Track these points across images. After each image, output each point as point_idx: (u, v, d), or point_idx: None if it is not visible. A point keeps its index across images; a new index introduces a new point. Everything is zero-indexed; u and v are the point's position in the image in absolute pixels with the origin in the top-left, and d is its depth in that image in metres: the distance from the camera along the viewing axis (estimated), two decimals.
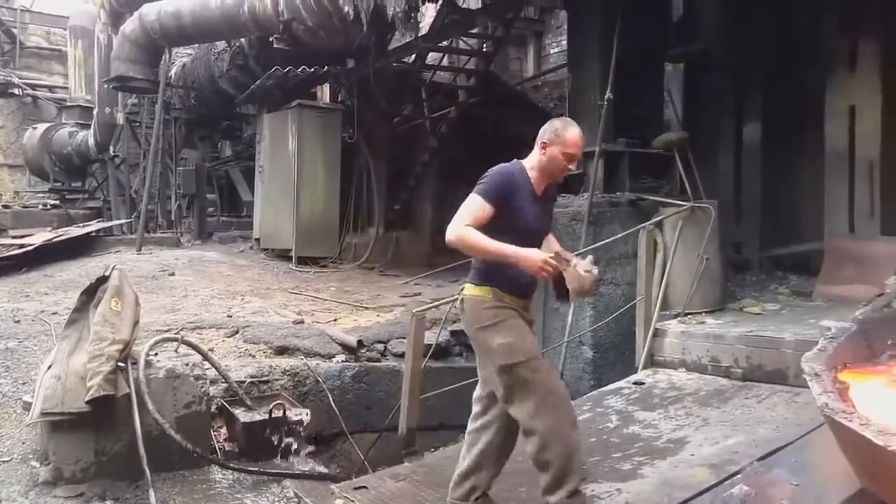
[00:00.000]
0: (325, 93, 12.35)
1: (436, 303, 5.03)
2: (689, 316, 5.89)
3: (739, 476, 3.55)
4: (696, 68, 8.49)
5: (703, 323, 5.71)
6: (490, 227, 3.02)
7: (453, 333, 6.67)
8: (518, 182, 3.15)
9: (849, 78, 6.45)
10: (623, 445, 4.19)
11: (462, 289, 3.35)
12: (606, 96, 6.61)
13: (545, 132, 3.21)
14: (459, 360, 6.56)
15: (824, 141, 6.61)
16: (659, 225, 6.13)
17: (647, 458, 3.93)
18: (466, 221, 3.01)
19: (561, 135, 3.16)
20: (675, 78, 8.90)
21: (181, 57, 14.37)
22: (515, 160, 3.30)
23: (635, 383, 5.29)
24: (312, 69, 10.18)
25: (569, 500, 3.06)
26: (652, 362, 5.62)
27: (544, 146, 3.19)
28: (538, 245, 3.25)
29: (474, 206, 3.05)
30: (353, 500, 3.75)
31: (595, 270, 3.07)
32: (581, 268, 3.02)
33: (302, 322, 6.49)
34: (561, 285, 3.08)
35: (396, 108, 11.59)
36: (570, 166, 3.22)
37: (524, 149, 3.34)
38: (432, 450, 5.25)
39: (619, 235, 5.74)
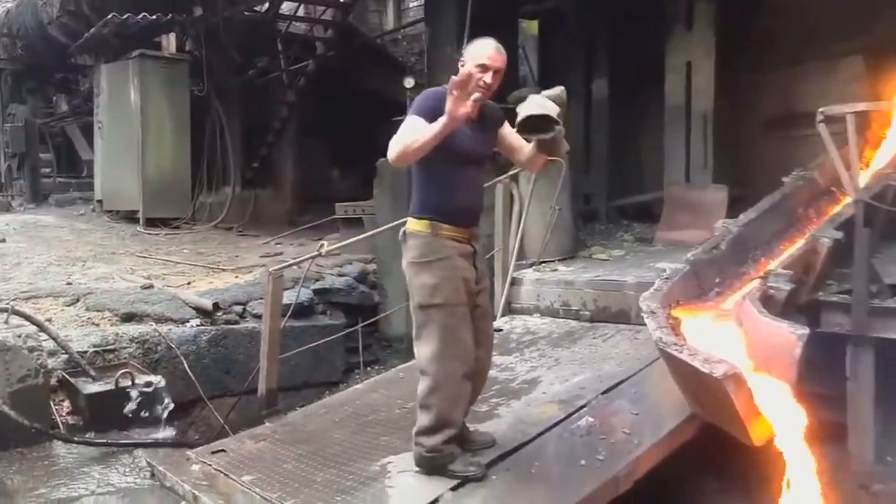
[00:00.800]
0: (171, 43, 11.52)
1: (294, 261, 4.90)
2: (544, 264, 6.16)
3: (585, 409, 3.80)
4: (549, 26, 8.72)
5: (555, 270, 5.99)
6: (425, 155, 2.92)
7: (317, 292, 6.58)
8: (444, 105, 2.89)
9: (686, 36, 6.88)
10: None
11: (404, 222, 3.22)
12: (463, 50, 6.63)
13: (464, 54, 3.12)
14: (323, 318, 6.49)
15: (664, 97, 7.04)
16: (514, 178, 6.31)
17: (503, 399, 4.10)
18: (401, 139, 2.90)
19: (471, 50, 3.07)
20: (531, 33, 9.11)
21: (4, 2, 12.89)
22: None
23: (494, 330, 5.47)
24: (154, 16, 9.46)
25: (442, 446, 3.13)
26: (510, 310, 5.84)
27: (461, 67, 3.01)
28: (481, 172, 3.21)
29: (409, 125, 2.93)
30: (210, 465, 3.62)
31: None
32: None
33: (151, 287, 6.12)
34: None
35: (250, 60, 11.06)
36: (486, 79, 2.99)
37: (387, 103, 3.26)
38: (297, 409, 5.18)
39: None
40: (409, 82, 6.60)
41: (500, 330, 5.46)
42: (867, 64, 6.53)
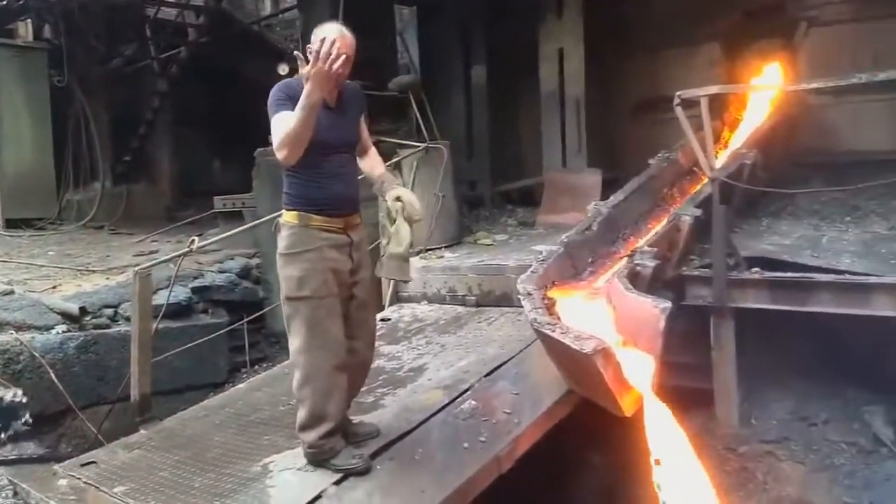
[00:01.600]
0: (27, 30, 10.66)
1: (163, 258, 4.67)
2: (430, 252, 6.19)
3: (469, 393, 3.86)
4: (427, 12, 8.72)
5: (441, 257, 6.03)
6: None
7: (196, 290, 6.31)
8: (298, 91, 2.87)
9: (557, 23, 7.07)
10: (368, 381, 4.31)
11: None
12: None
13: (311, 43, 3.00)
14: (204, 317, 6.25)
15: (540, 83, 7.22)
16: (397, 166, 6.30)
17: (390, 388, 4.10)
18: (281, 133, 2.84)
19: (317, 33, 2.95)
20: (411, 22, 9.09)
21: None
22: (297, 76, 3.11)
23: (382, 320, 5.45)
24: (5, 1, 8.72)
25: (321, 441, 3.09)
26: (397, 299, 5.84)
27: (310, 55, 2.93)
28: (347, 160, 3.15)
29: (278, 121, 2.87)
30: (79, 478, 3.42)
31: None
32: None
33: (12, 293, 5.68)
34: None
35: (116, 48, 10.40)
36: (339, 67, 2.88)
37: (268, 91, 3.13)
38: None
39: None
40: (283, 69, 6.42)
41: (388, 319, 5.46)
42: (724, 49, 6.97)
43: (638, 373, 3.37)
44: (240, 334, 6.33)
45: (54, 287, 6.12)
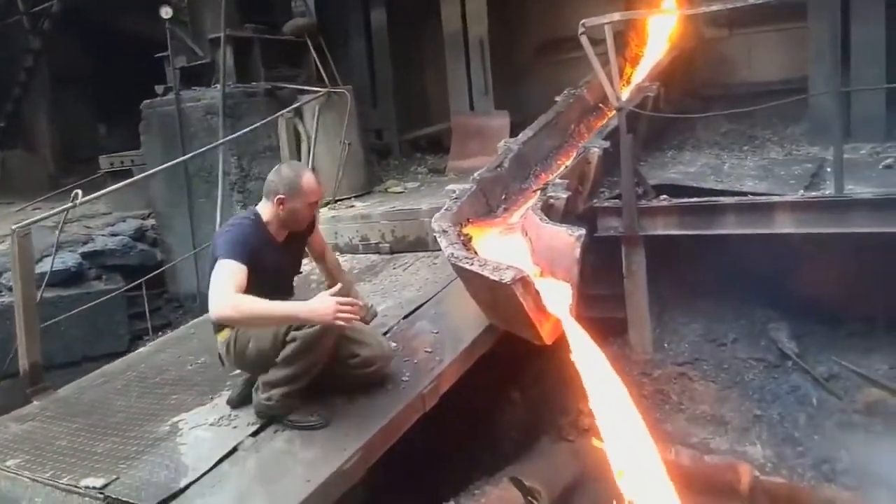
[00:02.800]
0: None
1: (45, 214, 4.25)
2: (339, 202, 5.99)
3: (388, 335, 3.75)
4: None
5: (352, 206, 5.85)
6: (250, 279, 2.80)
7: (86, 256, 5.90)
8: (255, 241, 2.94)
9: None
10: None
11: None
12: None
13: (277, 185, 3.02)
14: (98, 284, 5.86)
15: (442, 24, 7.02)
16: (299, 114, 6.03)
17: None
18: (230, 289, 2.70)
19: (297, 186, 3.02)
20: None
21: None
22: (249, 210, 3.15)
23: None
24: None
25: (283, 397, 3.00)
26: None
27: (281, 202, 3.01)
28: (289, 279, 3.31)
29: (230, 271, 2.75)
30: None
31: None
32: None
33: None
34: None
35: None
36: (314, 212, 3.19)
37: (154, 44, 2.84)
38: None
39: (258, 124, 5.48)
40: (166, 12, 5.96)
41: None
42: None
43: (556, 301, 3.35)
44: (140, 301, 5.97)
45: None
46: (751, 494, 3.82)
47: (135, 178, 5.36)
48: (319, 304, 2.72)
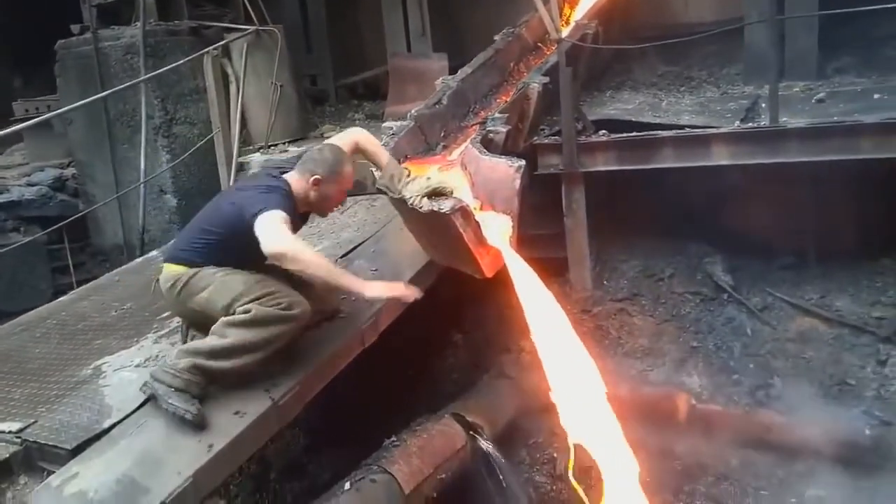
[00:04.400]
0: None
1: None
2: (272, 147, 5.78)
3: None
4: None
5: (285, 151, 5.64)
6: (248, 245, 2.63)
7: (1, 207, 5.54)
8: (292, 209, 2.82)
9: None
10: None
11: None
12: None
13: (317, 164, 2.93)
14: (15, 236, 5.53)
15: None
16: (227, 55, 5.73)
17: None
18: (289, 233, 2.66)
19: (337, 171, 2.95)
20: None
21: None
22: (278, 178, 2.95)
23: None
24: None
25: (194, 373, 2.61)
26: None
27: (317, 183, 2.90)
28: None
29: (280, 219, 2.65)
30: None
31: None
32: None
33: None
34: None
35: None
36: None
37: None
38: None
39: (180, 62, 5.18)
40: None
41: None
42: None
43: (497, 233, 3.29)
44: (63, 254, 5.67)
45: None
46: (688, 422, 3.91)
47: (44, 116, 5.00)
48: (383, 287, 2.90)
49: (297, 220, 2.92)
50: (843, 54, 5.02)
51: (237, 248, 2.74)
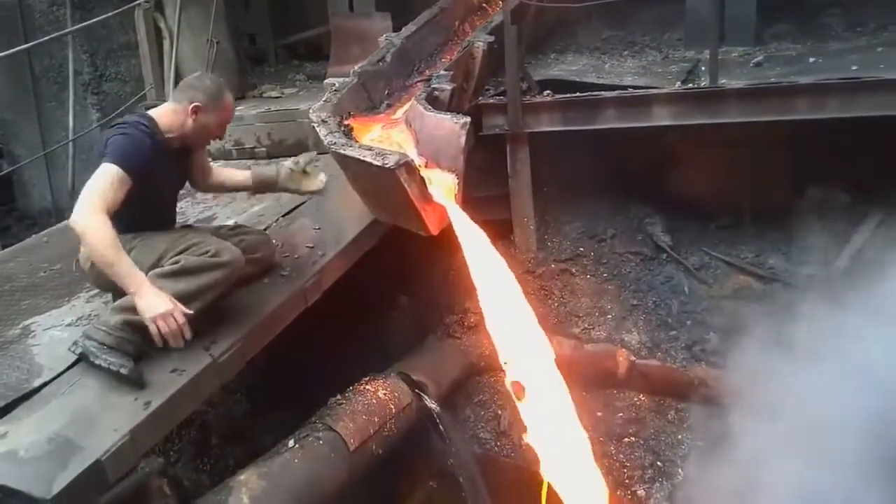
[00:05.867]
0: None
1: None
2: None
3: (267, 232, 3.54)
4: None
5: None
6: (138, 197, 2.52)
7: None
8: (149, 152, 2.60)
9: None
10: None
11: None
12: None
13: (197, 93, 2.76)
14: None
15: None
16: (159, 9, 5.47)
17: None
18: (99, 205, 2.41)
19: (219, 100, 2.80)
20: None
21: None
22: (140, 114, 2.77)
23: None
24: None
25: (126, 329, 2.49)
26: None
27: (196, 111, 2.74)
28: (174, 198, 2.98)
29: (111, 181, 2.45)
30: None
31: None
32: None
33: None
34: None
35: None
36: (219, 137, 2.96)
37: None
38: None
39: (109, 14, 4.93)
40: None
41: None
42: None
43: (442, 190, 3.27)
44: None
45: None
46: (628, 377, 4.01)
47: None
48: (157, 299, 2.41)
49: (164, 160, 2.72)
50: (779, 21, 5.13)
51: (134, 208, 2.56)
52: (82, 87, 5.35)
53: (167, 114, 2.77)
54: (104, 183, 2.45)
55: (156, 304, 2.40)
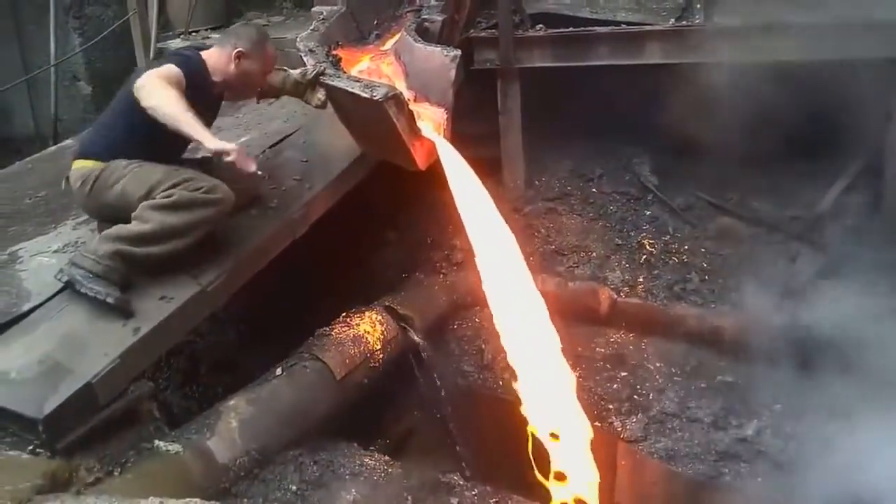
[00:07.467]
0: None
1: None
2: (194, 33, 5.46)
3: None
4: None
5: (207, 38, 5.33)
6: (153, 129, 2.49)
7: None
8: (199, 80, 2.68)
9: None
10: None
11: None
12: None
13: (241, 37, 2.82)
14: None
15: None
16: None
17: None
18: (163, 75, 2.50)
19: (262, 48, 2.86)
20: None
21: None
22: (195, 52, 2.84)
23: None
24: None
25: (115, 259, 2.53)
26: None
27: (239, 56, 2.79)
28: (186, 144, 2.84)
29: (176, 73, 2.54)
30: None
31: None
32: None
33: None
34: None
35: None
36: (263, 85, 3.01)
37: None
38: None
39: None
40: None
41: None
42: None
43: (431, 124, 3.25)
44: None
45: None
46: (609, 314, 4.08)
47: None
48: (227, 142, 2.53)
49: (206, 100, 2.79)
50: None
51: (143, 135, 2.60)
52: (63, 10, 5.20)
53: (214, 55, 2.83)
54: (165, 70, 2.55)
55: (228, 144, 2.53)
